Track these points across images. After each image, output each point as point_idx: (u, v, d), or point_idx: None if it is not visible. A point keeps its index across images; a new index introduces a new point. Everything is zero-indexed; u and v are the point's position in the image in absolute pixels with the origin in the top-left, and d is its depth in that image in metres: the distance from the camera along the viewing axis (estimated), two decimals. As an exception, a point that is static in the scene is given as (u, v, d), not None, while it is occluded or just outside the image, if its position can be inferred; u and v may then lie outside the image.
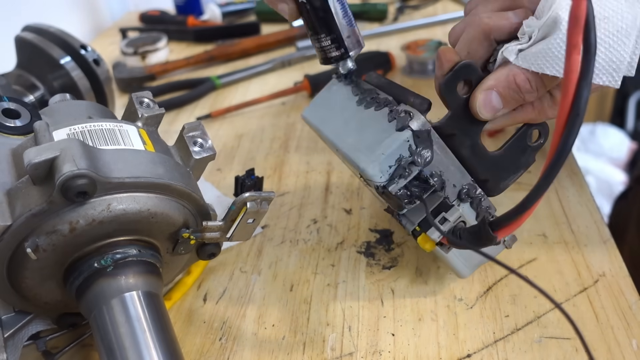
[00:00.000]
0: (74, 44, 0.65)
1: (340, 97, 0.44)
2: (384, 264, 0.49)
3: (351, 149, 0.39)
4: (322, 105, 0.45)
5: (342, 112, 0.43)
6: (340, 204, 0.56)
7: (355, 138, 0.40)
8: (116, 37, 1.07)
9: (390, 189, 0.37)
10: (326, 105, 0.45)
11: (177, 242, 0.40)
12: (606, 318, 0.41)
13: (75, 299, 0.37)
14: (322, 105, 0.45)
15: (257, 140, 0.69)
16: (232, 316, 0.45)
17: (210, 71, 0.91)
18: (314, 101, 0.46)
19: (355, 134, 0.40)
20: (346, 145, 0.40)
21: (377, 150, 0.37)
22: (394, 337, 0.42)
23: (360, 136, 0.39)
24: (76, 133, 0.37)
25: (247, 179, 0.57)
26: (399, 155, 0.37)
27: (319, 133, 0.44)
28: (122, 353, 0.33)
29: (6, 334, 0.38)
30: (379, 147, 0.37)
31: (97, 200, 0.34)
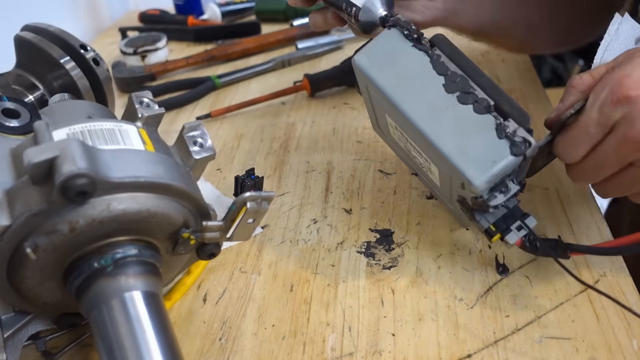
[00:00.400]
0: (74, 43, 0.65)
1: (415, 65, 0.41)
2: (384, 264, 0.49)
3: (454, 153, 0.39)
4: (387, 62, 0.42)
5: (424, 88, 0.40)
6: (340, 204, 0.56)
7: (456, 139, 0.39)
8: (116, 36, 1.07)
9: (490, 202, 0.39)
10: (393, 64, 0.42)
11: (177, 242, 0.40)
12: (607, 318, 0.41)
13: (75, 299, 0.37)
14: (387, 62, 0.42)
15: (257, 140, 0.69)
16: (232, 316, 0.45)
17: (210, 71, 0.91)
18: (371, 49, 0.43)
19: (454, 133, 0.39)
20: (444, 143, 0.39)
21: (488, 167, 0.38)
22: (394, 337, 0.42)
23: (463, 140, 0.39)
24: (76, 133, 0.37)
25: (247, 179, 0.57)
26: (505, 173, 0.39)
27: (380, 92, 0.41)
28: (122, 353, 0.33)
29: (6, 334, 0.38)
30: (492, 165, 0.38)
31: (97, 200, 0.34)
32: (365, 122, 0.71)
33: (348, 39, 0.95)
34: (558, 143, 0.41)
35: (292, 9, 1.08)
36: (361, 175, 0.60)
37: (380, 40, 0.43)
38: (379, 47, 0.42)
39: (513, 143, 0.38)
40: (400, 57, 0.41)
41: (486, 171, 0.38)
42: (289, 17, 1.07)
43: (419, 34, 0.42)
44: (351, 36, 0.95)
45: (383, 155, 0.63)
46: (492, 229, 0.41)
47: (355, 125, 0.70)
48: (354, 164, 0.62)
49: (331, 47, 0.93)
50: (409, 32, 0.42)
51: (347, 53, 0.91)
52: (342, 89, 0.79)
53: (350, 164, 0.62)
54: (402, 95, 0.40)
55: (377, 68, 0.42)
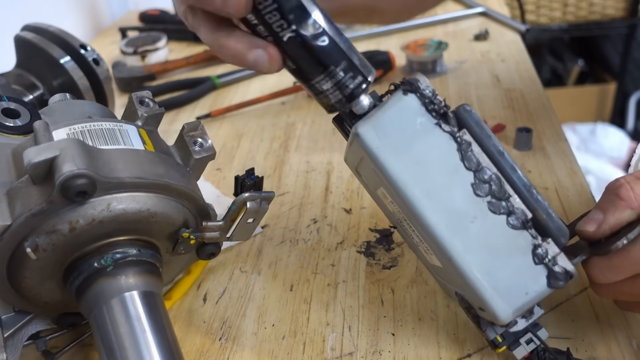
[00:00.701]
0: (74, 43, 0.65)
1: (439, 153, 0.32)
2: (384, 263, 0.49)
3: (480, 277, 0.32)
4: (402, 144, 0.32)
5: (448, 186, 0.32)
6: (340, 204, 0.56)
7: (483, 260, 0.32)
8: (116, 36, 1.07)
9: (510, 329, 0.35)
10: (410, 148, 0.32)
11: (177, 242, 0.40)
12: (606, 318, 0.41)
13: (75, 299, 0.37)
14: (402, 144, 0.32)
15: (257, 140, 0.69)
16: (232, 316, 0.45)
17: (210, 71, 0.91)
18: (382, 121, 0.32)
19: (481, 251, 0.32)
20: (468, 263, 0.31)
21: (519, 300, 0.32)
22: (394, 337, 0.42)
23: (492, 262, 0.32)
24: (76, 133, 0.37)
25: (247, 179, 0.56)
26: (535, 303, 0.33)
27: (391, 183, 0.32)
28: (122, 353, 0.33)
29: (6, 334, 0.38)
30: (524, 298, 0.32)
31: (97, 200, 0.34)
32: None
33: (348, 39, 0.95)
34: (595, 264, 0.34)
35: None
36: (361, 175, 0.60)
37: (393, 111, 0.32)
38: (393, 120, 0.32)
39: (552, 273, 0.32)
40: (419, 139, 0.32)
41: (516, 304, 0.32)
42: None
43: (445, 108, 0.32)
44: (351, 36, 0.95)
45: (383, 155, 0.63)
46: (499, 341, 0.36)
47: (355, 125, 0.70)
48: (354, 163, 0.62)
49: (331, 47, 0.93)
50: (432, 104, 0.32)
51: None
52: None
53: (350, 164, 0.62)
54: (419, 192, 0.32)
55: (389, 150, 0.32)
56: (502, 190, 0.32)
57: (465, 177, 0.32)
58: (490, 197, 0.32)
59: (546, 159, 0.59)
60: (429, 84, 0.33)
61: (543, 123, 0.66)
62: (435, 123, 0.32)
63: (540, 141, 0.62)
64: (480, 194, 0.32)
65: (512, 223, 0.32)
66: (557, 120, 0.66)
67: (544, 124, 0.65)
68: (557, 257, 0.32)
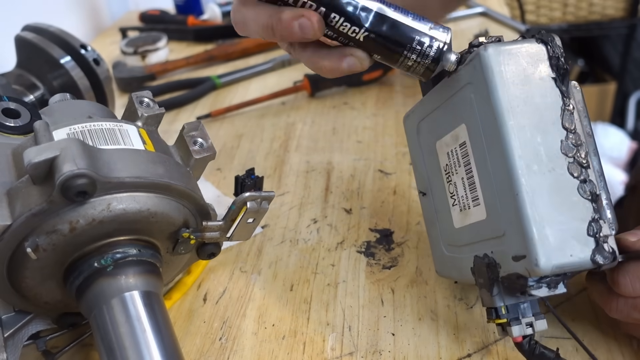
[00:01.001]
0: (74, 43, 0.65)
1: (546, 103, 0.34)
2: (384, 263, 0.49)
3: (538, 221, 0.33)
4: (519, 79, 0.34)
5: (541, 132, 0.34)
6: (340, 204, 0.56)
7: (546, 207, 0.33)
8: (116, 36, 1.07)
9: (532, 291, 0.35)
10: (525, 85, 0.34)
11: (177, 242, 0.40)
12: (606, 318, 0.41)
13: (75, 299, 0.37)
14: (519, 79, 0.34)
15: (257, 140, 0.69)
16: (232, 316, 0.45)
17: (210, 71, 0.91)
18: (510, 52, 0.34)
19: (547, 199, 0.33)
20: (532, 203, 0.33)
21: (562, 258, 0.33)
22: (394, 337, 0.42)
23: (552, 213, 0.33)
24: (76, 133, 0.37)
25: (247, 179, 0.57)
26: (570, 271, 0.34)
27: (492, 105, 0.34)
28: (122, 353, 0.33)
29: (6, 334, 0.38)
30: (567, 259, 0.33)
31: (97, 200, 0.34)
32: (365, 121, 0.71)
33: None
34: (626, 270, 0.35)
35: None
36: (361, 175, 0.60)
37: (523, 50, 0.34)
38: (519, 57, 0.34)
39: (599, 248, 0.33)
40: (535, 83, 0.34)
41: (557, 260, 0.32)
42: (289, 17, 1.07)
43: (567, 69, 0.35)
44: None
45: (383, 155, 0.63)
46: (503, 312, 0.36)
47: (355, 125, 0.70)
48: (354, 163, 0.63)
49: (331, 47, 0.93)
50: (557, 60, 0.35)
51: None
52: (342, 89, 0.79)
53: (350, 164, 0.62)
54: (514, 124, 0.33)
55: (506, 78, 0.34)
56: (585, 159, 0.34)
57: (559, 132, 0.34)
58: (572, 159, 0.34)
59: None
60: (560, 45, 0.35)
61: (543, 123, 0.66)
62: (553, 77, 0.34)
63: (540, 141, 0.62)
64: (566, 153, 0.34)
65: (582, 190, 0.33)
66: (557, 120, 0.66)
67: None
68: (608, 237, 0.33)
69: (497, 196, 0.35)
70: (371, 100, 0.76)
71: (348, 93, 0.79)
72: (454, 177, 0.40)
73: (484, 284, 0.37)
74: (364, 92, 0.78)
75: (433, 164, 0.42)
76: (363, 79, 0.78)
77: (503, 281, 0.36)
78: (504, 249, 0.35)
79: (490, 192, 0.36)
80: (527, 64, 0.34)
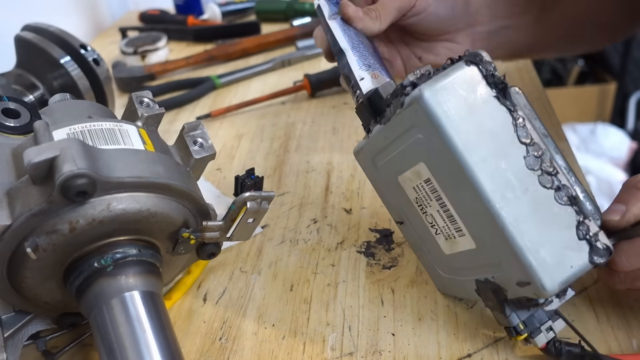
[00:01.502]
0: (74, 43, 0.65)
1: (497, 124, 0.33)
2: (384, 263, 0.49)
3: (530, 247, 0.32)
4: (464, 111, 0.33)
5: (504, 156, 0.33)
6: (340, 204, 0.56)
7: (533, 230, 0.32)
8: (116, 36, 1.07)
9: (546, 307, 0.35)
10: (471, 116, 0.33)
11: (177, 242, 0.40)
12: (606, 318, 0.41)
13: (75, 299, 0.37)
14: (464, 111, 0.33)
15: (257, 140, 0.69)
16: (232, 316, 0.45)
17: (210, 71, 0.91)
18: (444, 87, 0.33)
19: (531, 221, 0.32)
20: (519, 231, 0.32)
21: (564, 273, 0.32)
22: (394, 337, 0.42)
23: (541, 233, 0.32)
24: (76, 133, 0.37)
25: (247, 179, 0.57)
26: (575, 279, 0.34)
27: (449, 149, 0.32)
28: (122, 353, 0.33)
29: (6, 334, 0.38)
30: (568, 271, 0.32)
31: (97, 200, 0.34)
32: (365, 122, 0.71)
33: None
34: (621, 250, 0.36)
35: (292, 8, 1.08)
36: (361, 175, 0.60)
37: (456, 79, 0.33)
38: (455, 87, 0.33)
39: (594, 249, 0.33)
40: (479, 108, 0.33)
41: (561, 277, 0.32)
42: (289, 17, 1.07)
43: (505, 82, 0.34)
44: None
45: (383, 155, 0.63)
46: (521, 327, 0.37)
47: (355, 125, 0.70)
48: (354, 163, 0.62)
49: (331, 47, 0.93)
50: (492, 77, 0.34)
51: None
52: (342, 88, 0.79)
53: (350, 164, 0.62)
54: (477, 159, 0.32)
55: (451, 116, 0.32)
56: (551, 166, 0.33)
57: (519, 150, 0.33)
58: (540, 171, 0.33)
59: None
60: (490, 60, 0.34)
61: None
62: (495, 95, 0.33)
63: (540, 141, 0.62)
64: (532, 168, 0.33)
65: (559, 198, 0.33)
66: (557, 120, 0.66)
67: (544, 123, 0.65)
68: (598, 234, 0.33)
69: (481, 229, 0.34)
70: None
71: (348, 93, 0.78)
72: (428, 209, 0.38)
73: (494, 306, 0.37)
74: (364, 92, 0.78)
75: (401, 196, 0.40)
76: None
77: (513, 301, 0.36)
78: (505, 275, 0.35)
79: (472, 224, 0.35)
80: (466, 92, 0.33)
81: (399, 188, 0.40)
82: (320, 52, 0.92)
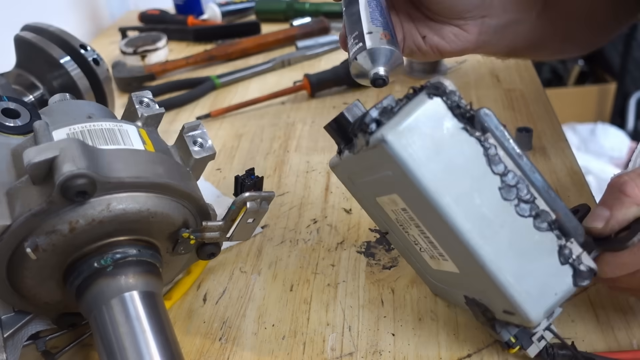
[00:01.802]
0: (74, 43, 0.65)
1: (467, 158, 0.31)
2: (384, 263, 0.49)
3: (512, 281, 0.32)
4: (431, 150, 0.31)
5: (477, 191, 0.31)
6: (340, 204, 0.56)
7: (513, 263, 0.31)
8: (116, 36, 1.07)
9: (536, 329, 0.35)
10: (439, 153, 0.31)
11: (177, 242, 0.40)
12: (606, 318, 0.41)
13: (75, 299, 0.37)
14: (431, 150, 0.31)
15: (257, 140, 0.69)
16: (232, 316, 0.45)
17: (210, 71, 0.91)
18: (408, 126, 0.31)
19: (511, 255, 0.31)
20: (499, 268, 0.31)
21: (549, 301, 0.32)
22: (394, 337, 0.42)
23: (521, 265, 0.32)
24: (76, 133, 0.37)
25: (247, 179, 0.56)
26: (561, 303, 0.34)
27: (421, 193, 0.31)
28: (122, 353, 0.33)
29: (6, 334, 0.38)
30: (553, 298, 0.32)
31: (97, 200, 0.34)
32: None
33: None
34: (605, 261, 0.35)
35: (292, 8, 1.08)
36: (361, 175, 0.60)
37: (420, 116, 0.31)
38: (419, 125, 0.31)
39: (577, 272, 0.32)
40: (447, 144, 0.31)
41: (546, 305, 0.32)
42: (289, 17, 1.07)
43: (471, 111, 0.32)
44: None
45: (383, 155, 0.63)
46: (512, 341, 0.37)
47: (355, 125, 0.70)
48: (354, 163, 0.62)
49: (331, 47, 0.93)
50: (458, 107, 0.31)
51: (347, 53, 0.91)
52: (342, 88, 0.79)
53: (350, 164, 0.62)
54: (450, 200, 0.31)
55: (419, 157, 0.31)
56: (528, 193, 0.32)
57: (493, 182, 0.31)
58: (517, 201, 0.32)
59: (546, 159, 0.59)
60: (454, 87, 0.32)
61: (543, 123, 0.66)
62: (462, 127, 0.31)
63: (540, 141, 0.62)
64: (508, 198, 0.32)
65: (538, 225, 0.32)
66: (557, 120, 0.66)
67: (544, 124, 0.65)
68: (581, 256, 0.33)
69: (462, 261, 0.34)
70: (371, 101, 0.76)
71: (348, 93, 0.79)
72: (409, 230, 0.37)
73: (484, 323, 0.38)
74: (364, 92, 0.78)
75: (382, 212, 0.39)
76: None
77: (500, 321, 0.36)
78: (490, 301, 0.35)
79: (453, 254, 0.34)
80: (431, 130, 0.31)
81: (379, 206, 0.39)
82: (320, 52, 0.92)
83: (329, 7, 1.06)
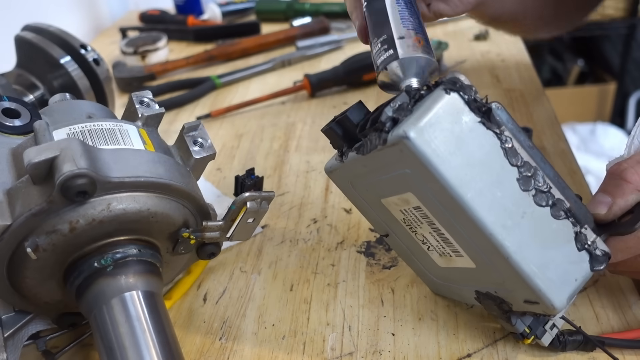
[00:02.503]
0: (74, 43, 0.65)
1: (486, 151, 0.31)
2: (384, 263, 0.49)
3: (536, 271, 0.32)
4: (452, 145, 0.31)
5: (498, 184, 0.31)
6: (340, 204, 0.56)
7: (536, 253, 0.32)
8: (116, 36, 1.07)
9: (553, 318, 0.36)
10: (459, 148, 0.31)
11: (177, 242, 0.40)
12: (606, 318, 0.41)
13: (75, 299, 0.37)
14: (452, 145, 0.31)
15: (257, 140, 0.69)
16: (232, 316, 0.45)
17: (210, 71, 0.91)
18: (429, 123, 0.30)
19: (533, 245, 0.32)
20: (524, 258, 0.32)
21: (570, 287, 0.33)
22: (394, 337, 0.42)
23: (543, 254, 0.32)
24: (76, 133, 0.37)
25: (247, 179, 0.57)
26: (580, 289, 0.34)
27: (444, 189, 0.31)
28: (122, 353, 0.33)
29: (6, 334, 0.38)
30: (574, 285, 0.33)
31: (97, 200, 0.34)
32: (365, 122, 0.71)
33: (348, 39, 0.95)
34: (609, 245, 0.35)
35: (292, 8, 1.08)
36: (361, 175, 0.60)
37: (440, 111, 0.31)
38: (440, 120, 0.31)
39: (593, 257, 0.33)
40: (468, 137, 0.31)
41: (568, 292, 0.33)
42: (289, 17, 1.07)
43: (488, 105, 0.32)
44: (351, 36, 0.95)
45: (383, 155, 0.63)
46: (527, 332, 0.37)
47: (355, 125, 0.70)
48: (354, 163, 0.63)
49: (331, 47, 0.93)
50: (475, 102, 0.32)
51: (347, 53, 0.91)
52: (342, 88, 0.79)
53: (350, 164, 0.62)
54: (474, 193, 0.31)
55: (441, 153, 0.30)
56: (544, 184, 0.33)
57: (511, 174, 0.32)
58: (534, 191, 0.32)
59: (546, 159, 0.59)
60: (469, 82, 0.32)
61: (543, 123, 0.66)
62: (479, 121, 0.31)
63: (540, 141, 0.62)
64: (526, 189, 0.32)
65: (555, 214, 0.33)
66: (557, 120, 0.66)
67: (544, 124, 0.65)
68: (596, 241, 0.33)
69: (482, 254, 0.34)
70: (371, 100, 0.76)
71: (348, 93, 0.79)
72: (418, 229, 0.37)
73: (499, 316, 0.38)
74: (364, 92, 0.78)
75: (386, 214, 0.39)
76: (363, 79, 0.78)
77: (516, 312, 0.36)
78: (509, 293, 0.35)
79: (470, 248, 0.34)
80: (451, 124, 0.31)
81: (383, 208, 0.38)
82: (320, 52, 0.92)
83: (329, 7, 1.06)
